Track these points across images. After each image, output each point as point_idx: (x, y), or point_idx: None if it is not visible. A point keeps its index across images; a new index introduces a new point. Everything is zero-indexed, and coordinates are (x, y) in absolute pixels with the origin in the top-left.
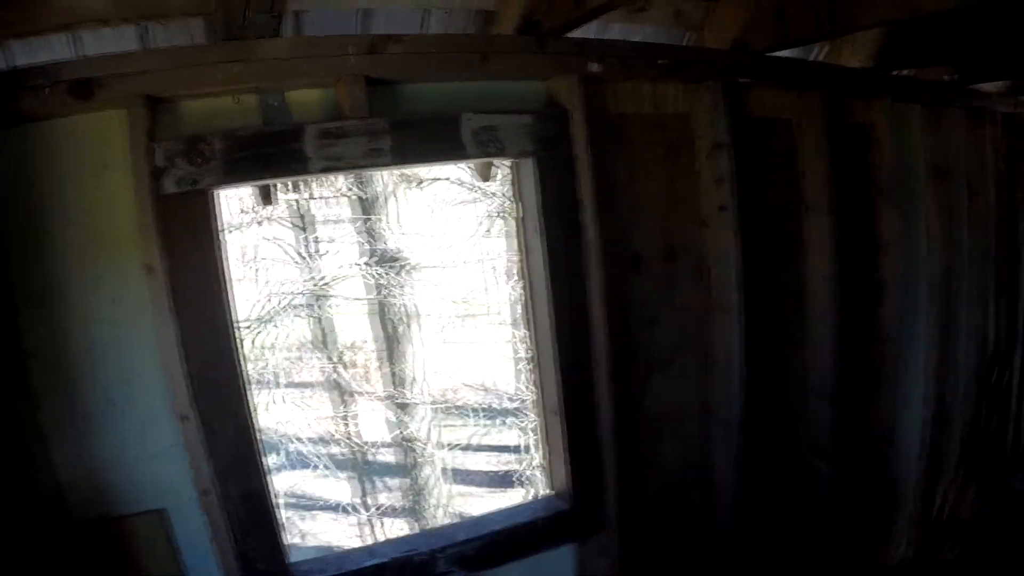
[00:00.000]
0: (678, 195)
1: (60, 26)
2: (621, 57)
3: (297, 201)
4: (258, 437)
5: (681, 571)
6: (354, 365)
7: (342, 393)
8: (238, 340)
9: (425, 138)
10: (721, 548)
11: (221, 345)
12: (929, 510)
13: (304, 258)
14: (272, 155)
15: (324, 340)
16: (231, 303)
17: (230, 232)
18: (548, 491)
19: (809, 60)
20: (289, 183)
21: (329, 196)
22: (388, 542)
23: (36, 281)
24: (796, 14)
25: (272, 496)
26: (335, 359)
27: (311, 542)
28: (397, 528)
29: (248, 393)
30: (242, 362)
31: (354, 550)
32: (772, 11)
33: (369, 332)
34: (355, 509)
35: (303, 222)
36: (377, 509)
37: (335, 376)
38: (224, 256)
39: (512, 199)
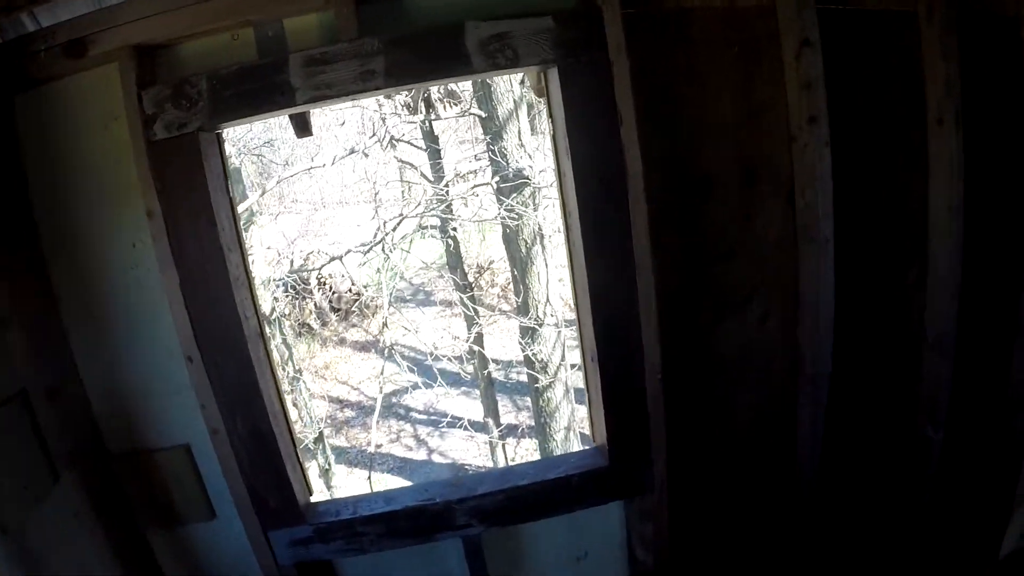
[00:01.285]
0: (758, 106)
1: None
2: None
3: (425, 122)
4: (269, 376)
5: (748, 543)
6: (486, 286)
7: (474, 313)
8: (246, 281)
9: (424, 54)
10: (799, 520)
11: (220, 288)
12: None
13: (433, 180)
14: (258, 90)
15: (457, 260)
16: (234, 244)
17: (353, 155)
18: (593, 444)
19: None
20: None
21: (453, 116)
22: (408, 489)
23: (61, 229)
24: None
25: (285, 434)
26: (466, 280)
27: (440, 459)
28: (524, 448)
29: (256, 332)
30: (250, 302)
31: (372, 494)
32: None
33: (500, 253)
34: (484, 428)
35: (431, 143)
36: (504, 429)
37: (465, 296)
38: (223, 197)
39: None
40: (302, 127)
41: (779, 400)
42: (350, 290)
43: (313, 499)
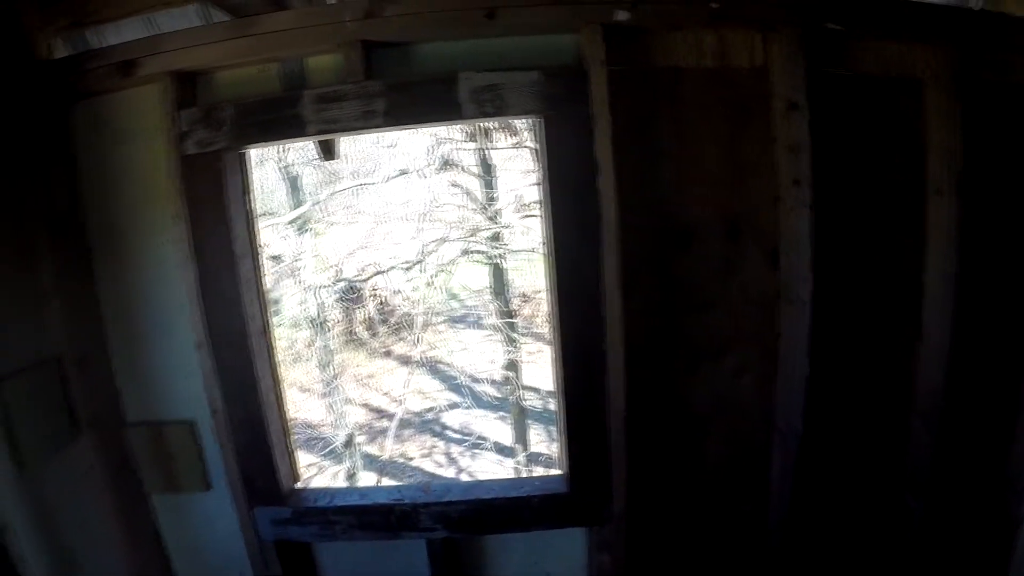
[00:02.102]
0: (747, 164)
1: (135, 11)
2: (659, 3)
3: (481, 150)
4: (269, 370)
5: None
6: (529, 315)
7: (512, 339)
8: (255, 284)
9: (420, 100)
10: (765, 567)
11: (230, 289)
12: None
13: (483, 206)
14: (274, 120)
15: (502, 287)
16: (248, 252)
17: (410, 175)
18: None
19: (945, 5)
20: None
21: (508, 147)
22: (382, 489)
23: (105, 222)
24: None
25: (279, 425)
26: (508, 305)
27: (468, 478)
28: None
29: (261, 330)
30: (257, 303)
31: (349, 488)
32: None
33: (544, 283)
34: (511, 453)
35: (485, 171)
36: (532, 456)
37: (506, 322)
38: (242, 210)
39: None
40: (327, 152)
41: (750, 451)
42: (400, 305)
43: (298, 486)
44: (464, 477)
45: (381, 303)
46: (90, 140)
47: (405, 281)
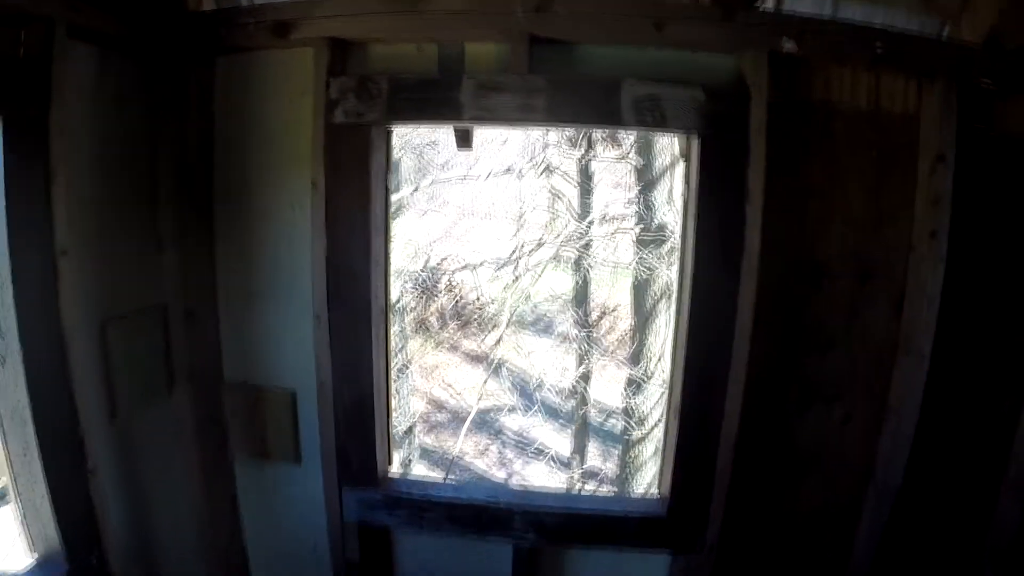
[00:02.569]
0: (886, 209)
1: None
2: (826, 37)
3: (582, 159)
4: (382, 352)
5: None
6: (605, 329)
7: (587, 352)
8: (384, 264)
9: (580, 101)
10: None
11: (360, 264)
12: None
13: (578, 215)
14: (430, 100)
15: (583, 298)
16: (382, 230)
17: (512, 174)
18: (657, 493)
19: None
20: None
21: (611, 159)
22: (478, 485)
23: (233, 179)
24: None
25: (383, 408)
26: (587, 319)
27: (518, 482)
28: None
29: (382, 311)
30: (382, 284)
31: (445, 483)
32: None
33: (626, 299)
34: (567, 465)
35: (585, 180)
36: (587, 471)
37: (584, 334)
38: (380, 187)
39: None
40: (464, 140)
41: (844, 499)
42: (475, 301)
43: (391, 472)
44: (516, 481)
45: (458, 297)
46: (231, 94)
47: (489, 279)
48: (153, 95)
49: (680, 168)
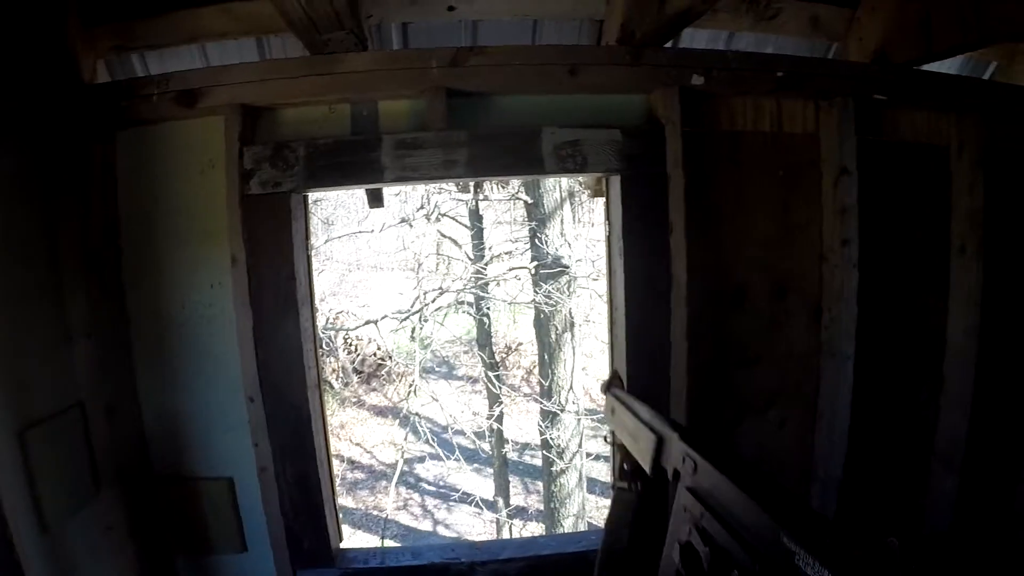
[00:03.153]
0: (795, 225)
1: (187, 40)
2: (731, 69)
3: (472, 201)
4: (321, 426)
5: None
6: (511, 366)
7: (496, 392)
8: (312, 335)
9: (503, 152)
10: None
11: (290, 338)
12: None
13: (473, 258)
14: (351, 164)
15: (486, 338)
16: (307, 300)
17: (400, 224)
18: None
19: (968, 76)
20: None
21: (502, 199)
22: (435, 546)
23: (144, 260)
24: (942, 21)
25: (330, 482)
26: (493, 358)
27: (445, 532)
28: (530, 531)
29: (316, 383)
30: (312, 355)
31: (401, 548)
32: (917, 19)
33: (529, 336)
34: (492, 506)
35: (476, 222)
36: (512, 510)
37: (490, 374)
38: (303, 255)
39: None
40: (376, 199)
41: None
42: (375, 354)
43: (343, 545)
44: (442, 531)
45: (359, 353)
46: (135, 170)
47: (392, 331)
48: (51, 177)
49: (568, 201)
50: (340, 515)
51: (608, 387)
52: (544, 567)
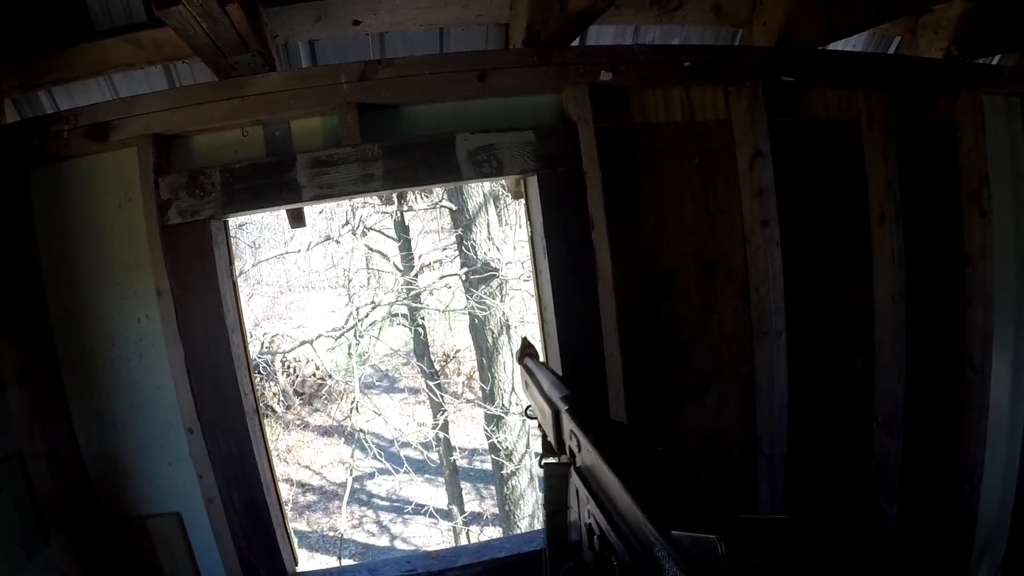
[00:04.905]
0: (716, 210)
1: (93, 72)
2: (639, 63)
3: (397, 212)
4: (264, 450)
5: None
6: (451, 374)
7: (439, 401)
8: (245, 360)
9: (417, 162)
10: None
11: (223, 365)
12: (1018, 559)
13: (403, 269)
14: (268, 186)
15: (424, 348)
16: (237, 326)
17: (327, 242)
18: None
19: (873, 52)
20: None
21: (426, 208)
22: (390, 560)
23: (68, 300)
24: (842, 0)
25: (279, 506)
26: (432, 368)
27: (403, 545)
28: (488, 535)
29: (254, 409)
30: (248, 380)
31: (356, 566)
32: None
33: (466, 342)
34: (448, 515)
35: (403, 233)
36: (468, 517)
37: (431, 383)
38: (228, 281)
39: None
40: (297, 218)
41: (739, 478)
42: (314, 374)
43: (299, 569)
44: (399, 545)
45: (296, 374)
46: (53, 209)
47: (328, 350)
48: None
49: (492, 204)
50: (295, 539)
51: (521, 357)
52: (501, 570)
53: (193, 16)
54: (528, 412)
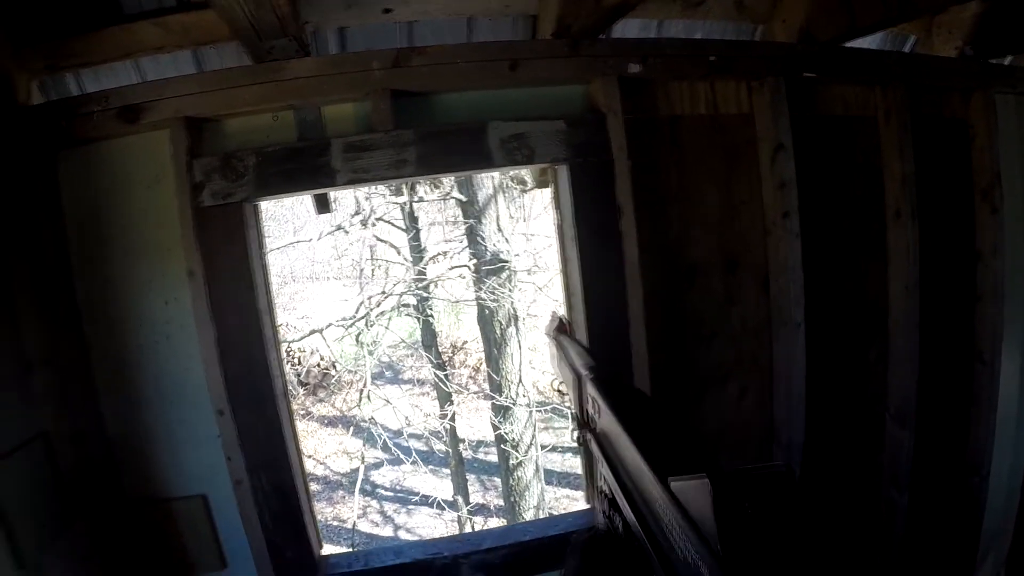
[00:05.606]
0: (739, 202)
1: (121, 55)
2: (666, 56)
3: (407, 203)
4: (292, 433)
5: None
6: (458, 365)
7: (446, 392)
8: (275, 343)
9: (451, 148)
10: None
11: (254, 347)
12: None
13: (412, 259)
14: (301, 169)
15: (432, 339)
16: (268, 308)
17: (336, 232)
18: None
19: (890, 51)
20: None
21: (435, 199)
22: (416, 543)
23: (97, 281)
24: None
25: (305, 490)
26: (440, 359)
27: (407, 536)
28: (492, 526)
29: (283, 391)
30: (277, 363)
31: (382, 548)
32: None
33: (473, 333)
34: (453, 506)
35: (412, 223)
36: (473, 507)
37: (439, 374)
38: (260, 264)
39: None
40: (323, 204)
41: None
42: (318, 365)
43: (324, 552)
44: (404, 535)
45: (300, 364)
46: (81, 190)
47: (336, 340)
48: None
49: (502, 195)
50: (318, 522)
51: (554, 332)
52: (527, 552)
53: None
54: (559, 387)
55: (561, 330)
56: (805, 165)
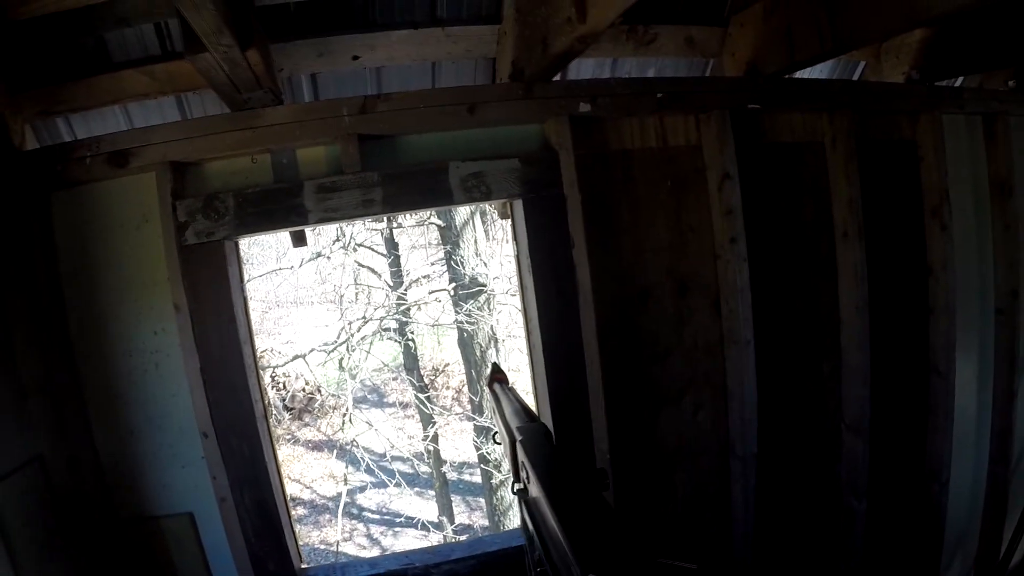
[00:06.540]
0: (688, 228)
1: (110, 101)
2: (616, 95)
3: (387, 229)
4: (272, 453)
5: None
6: (440, 387)
7: (428, 414)
8: (255, 370)
9: (415, 188)
10: None
11: (236, 374)
12: (990, 555)
13: (393, 284)
14: (277, 210)
15: (413, 362)
16: (248, 338)
17: (318, 258)
18: None
19: (836, 79)
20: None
21: (414, 225)
22: (391, 556)
23: (88, 313)
24: (802, 34)
25: (285, 506)
26: (422, 381)
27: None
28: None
29: (263, 414)
30: (258, 388)
31: (358, 560)
32: (781, 32)
33: (455, 356)
34: (439, 527)
35: (392, 249)
36: (458, 528)
37: (421, 397)
38: (240, 297)
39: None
40: (300, 238)
41: (714, 480)
42: (303, 389)
43: (304, 565)
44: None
45: (285, 389)
46: (74, 229)
47: (319, 364)
48: None
49: (479, 220)
50: (299, 538)
51: (491, 383)
52: (493, 562)
53: (217, 61)
54: (495, 438)
55: (498, 379)
56: (754, 191)
